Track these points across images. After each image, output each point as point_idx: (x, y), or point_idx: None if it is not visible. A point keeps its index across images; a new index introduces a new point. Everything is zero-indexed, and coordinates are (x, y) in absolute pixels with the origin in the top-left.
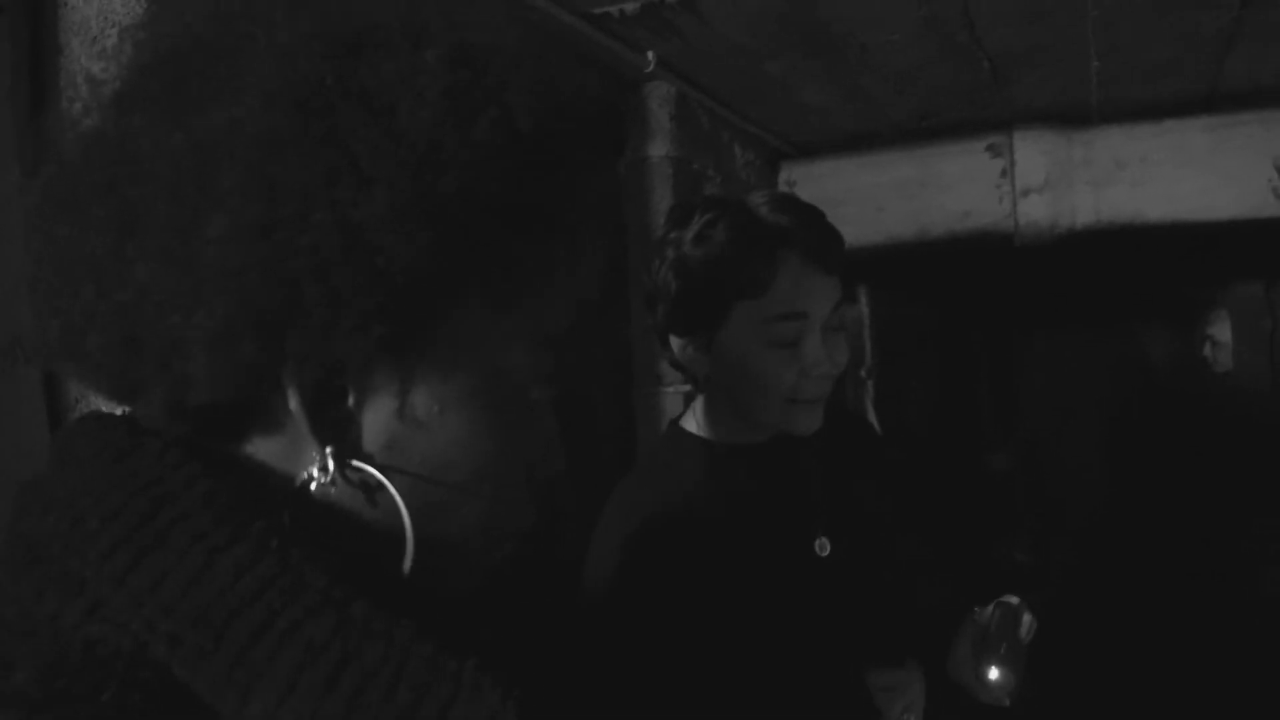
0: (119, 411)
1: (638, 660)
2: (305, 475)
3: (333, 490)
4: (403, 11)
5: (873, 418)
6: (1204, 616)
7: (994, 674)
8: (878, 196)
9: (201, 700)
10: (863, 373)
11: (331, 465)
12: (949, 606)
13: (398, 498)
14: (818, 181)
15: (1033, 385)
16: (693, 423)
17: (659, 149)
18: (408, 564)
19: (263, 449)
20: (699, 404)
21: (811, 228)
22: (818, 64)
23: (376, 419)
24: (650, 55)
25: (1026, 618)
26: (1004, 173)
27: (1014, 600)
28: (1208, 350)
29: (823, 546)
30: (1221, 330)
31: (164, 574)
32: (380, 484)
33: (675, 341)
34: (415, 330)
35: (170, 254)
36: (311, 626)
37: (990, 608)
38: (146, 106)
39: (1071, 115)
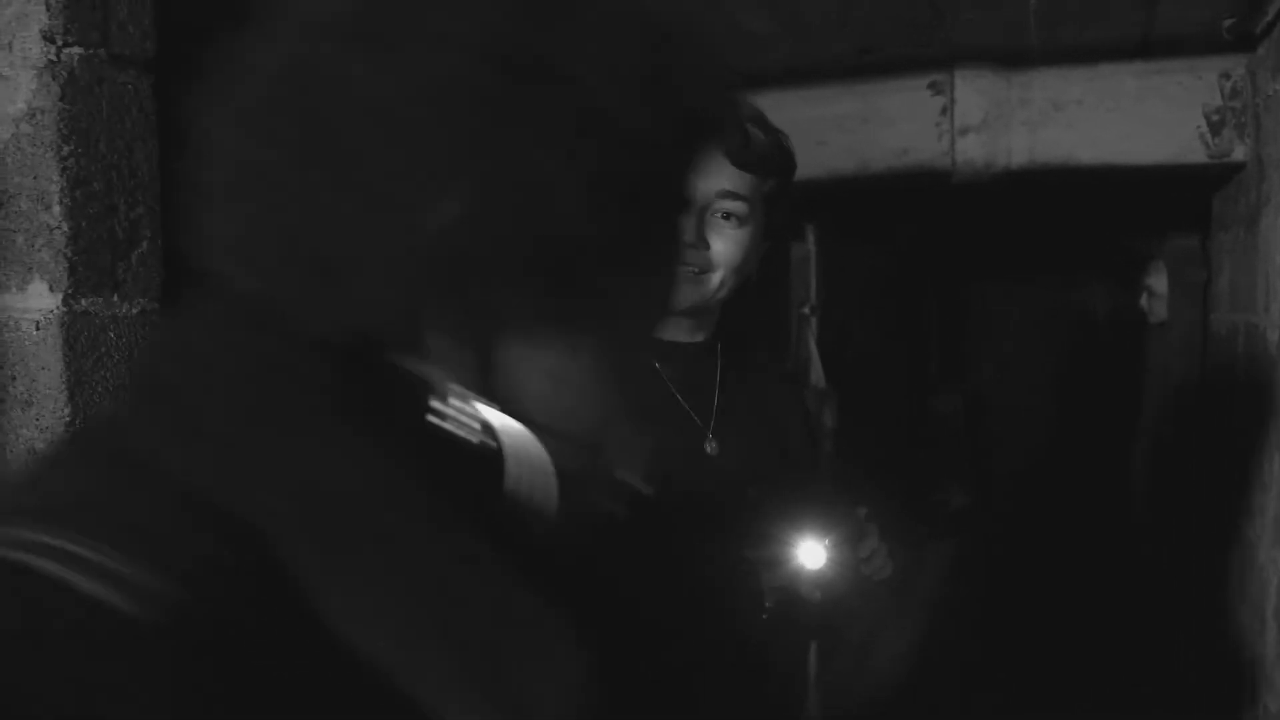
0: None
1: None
2: (431, 400)
3: (445, 422)
4: None
5: (814, 354)
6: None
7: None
8: (819, 130)
9: (293, 580)
10: (806, 309)
11: (459, 399)
12: None
13: (502, 435)
14: None
15: (980, 332)
16: None
17: None
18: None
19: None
20: None
21: (734, 122)
22: None
23: (511, 366)
24: None
25: (872, 538)
26: (944, 110)
27: (861, 511)
28: (1144, 301)
29: (713, 447)
30: (1158, 282)
31: (277, 453)
32: (488, 424)
33: None
34: (568, 292)
35: (368, 188)
36: (410, 531)
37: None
38: (354, 41)
39: (1011, 56)
